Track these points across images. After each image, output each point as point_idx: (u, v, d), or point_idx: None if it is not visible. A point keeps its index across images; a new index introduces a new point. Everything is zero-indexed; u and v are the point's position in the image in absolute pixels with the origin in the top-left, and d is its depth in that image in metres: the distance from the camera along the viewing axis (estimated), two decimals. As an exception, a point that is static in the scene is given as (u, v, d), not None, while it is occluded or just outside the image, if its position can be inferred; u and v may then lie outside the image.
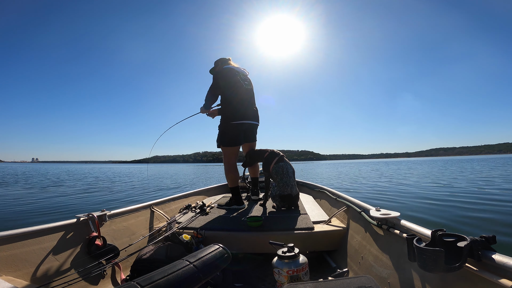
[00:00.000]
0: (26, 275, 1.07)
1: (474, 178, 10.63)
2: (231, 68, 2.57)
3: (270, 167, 2.41)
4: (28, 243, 1.17)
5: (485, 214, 4.05)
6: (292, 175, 2.37)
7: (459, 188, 7.47)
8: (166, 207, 2.29)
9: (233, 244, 1.65)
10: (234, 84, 2.49)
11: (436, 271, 0.77)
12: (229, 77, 2.51)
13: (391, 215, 1.30)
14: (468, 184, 8.28)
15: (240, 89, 2.49)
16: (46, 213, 4.86)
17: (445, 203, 5.05)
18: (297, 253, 1.16)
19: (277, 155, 2.44)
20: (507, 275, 0.68)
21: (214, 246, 0.96)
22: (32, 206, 5.57)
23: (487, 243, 0.75)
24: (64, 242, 1.32)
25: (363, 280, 0.84)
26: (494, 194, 5.97)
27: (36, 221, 4.22)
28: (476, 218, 3.79)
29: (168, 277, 0.64)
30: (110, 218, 1.65)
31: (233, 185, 2.48)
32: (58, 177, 17.67)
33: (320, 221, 1.89)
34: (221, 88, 2.52)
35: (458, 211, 4.31)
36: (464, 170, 17.02)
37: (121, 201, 6.52)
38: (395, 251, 1.19)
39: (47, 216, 4.56)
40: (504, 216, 3.87)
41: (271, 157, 2.46)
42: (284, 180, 2.28)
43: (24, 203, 6.04)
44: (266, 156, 2.50)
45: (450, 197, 5.75)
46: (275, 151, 2.50)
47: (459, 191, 6.70)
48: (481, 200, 5.26)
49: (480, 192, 6.46)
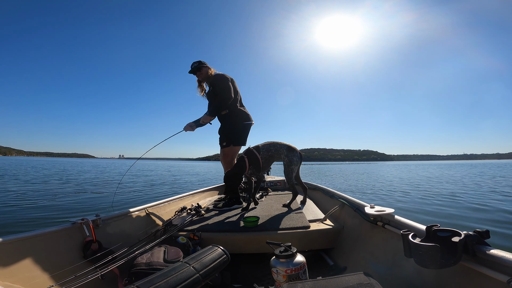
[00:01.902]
0: (22, 281, 1.05)
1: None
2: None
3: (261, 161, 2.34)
4: (24, 248, 1.16)
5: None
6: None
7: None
8: (161, 209, 2.27)
9: (230, 245, 1.65)
10: (237, 90, 2.70)
11: (432, 267, 0.79)
12: (234, 82, 2.69)
13: (385, 212, 1.32)
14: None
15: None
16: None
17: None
18: (295, 252, 1.17)
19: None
20: (502, 269, 0.70)
21: (213, 247, 0.96)
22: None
23: (481, 237, 0.77)
24: (60, 247, 1.30)
25: (360, 277, 0.85)
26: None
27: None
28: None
29: (168, 279, 0.64)
30: (105, 222, 1.63)
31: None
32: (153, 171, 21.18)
33: (316, 219, 1.90)
34: (236, 92, 2.67)
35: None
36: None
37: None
38: (391, 247, 1.21)
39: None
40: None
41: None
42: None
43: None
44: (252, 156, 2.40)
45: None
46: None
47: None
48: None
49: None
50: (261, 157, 2.34)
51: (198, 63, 2.68)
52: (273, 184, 3.67)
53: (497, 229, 3.38)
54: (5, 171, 15.61)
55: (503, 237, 3.11)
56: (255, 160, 2.34)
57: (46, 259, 1.20)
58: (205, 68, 2.68)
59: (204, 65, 2.68)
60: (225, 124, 2.72)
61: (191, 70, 2.73)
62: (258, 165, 2.34)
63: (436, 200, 6.10)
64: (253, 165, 2.34)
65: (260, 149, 2.37)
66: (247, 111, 2.73)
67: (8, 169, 18.06)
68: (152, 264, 1.28)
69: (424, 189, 8.48)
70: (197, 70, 2.69)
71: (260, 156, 2.34)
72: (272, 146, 2.37)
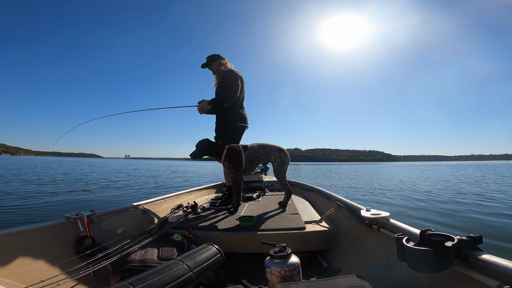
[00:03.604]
0: (14, 275, 1.04)
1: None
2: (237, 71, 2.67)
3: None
4: (16, 243, 1.15)
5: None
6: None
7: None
8: (157, 207, 2.26)
9: (226, 244, 1.65)
10: (243, 90, 2.66)
11: (424, 271, 0.79)
12: (243, 82, 2.67)
13: (381, 215, 1.33)
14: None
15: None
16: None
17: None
18: (289, 253, 1.17)
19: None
20: (493, 275, 0.70)
21: (207, 246, 0.96)
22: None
23: (473, 243, 0.78)
24: (53, 242, 1.29)
25: (354, 280, 0.85)
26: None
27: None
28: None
29: (161, 277, 0.63)
30: (100, 218, 1.62)
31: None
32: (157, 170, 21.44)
33: (312, 221, 1.91)
34: (242, 91, 2.63)
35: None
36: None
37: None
38: (385, 251, 1.22)
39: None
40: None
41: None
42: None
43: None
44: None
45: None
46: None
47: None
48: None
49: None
50: (246, 156, 2.26)
51: (208, 59, 2.75)
52: (270, 185, 3.67)
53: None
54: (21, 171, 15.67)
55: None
56: (236, 156, 2.24)
57: (38, 253, 1.19)
58: (215, 63, 2.72)
59: (214, 60, 2.72)
60: (220, 121, 2.69)
61: (202, 65, 2.82)
62: (239, 162, 2.24)
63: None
64: (232, 160, 2.24)
65: (248, 148, 2.32)
66: (245, 113, 2.70)
67: (23, 169, 18.23)
68: (146, 261, 1.27)
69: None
70: (207, 65, 2.78)
71: (245, 155, 2.26)
72: (261, 148, 2.33)
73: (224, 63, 2.70)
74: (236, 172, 2.26)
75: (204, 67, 2.81)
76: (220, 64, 2.70)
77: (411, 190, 8.27)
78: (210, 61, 2.73)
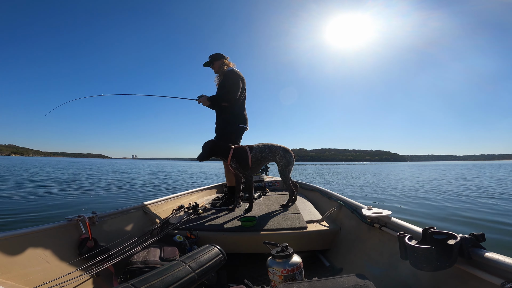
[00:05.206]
0: (17, 277, 1.05)
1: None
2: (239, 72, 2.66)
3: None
4: (19, 245, 1.16)
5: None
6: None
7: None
8: (158, 208, 2.27)
9: (227, 244, 1.64)
10: (244, 90, 2.65)
11: (427, 269, 0.79)
12: (244, 83, 2.67)
13: (382, 214, 1.33)
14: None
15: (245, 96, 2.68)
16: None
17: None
18: (291, 253, 1.17)
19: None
20: (496, 272, 0.70)
21: (210, 246, 0.96)
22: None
23: (476, 241, 0.77)
24: (55, 244, 1.29)
25: (356, 279, 0.85)
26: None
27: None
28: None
29: (164, 278, 0.63)
30: (101, 220, 1.62)
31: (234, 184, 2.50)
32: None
33: (313, 220, 1.90)
34: (242, 91, 2.62)
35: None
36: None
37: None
38: (387, 249, 1.22)
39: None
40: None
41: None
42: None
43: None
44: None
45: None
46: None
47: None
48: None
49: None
50: (252, 156, 2.28)
51: (210, 58, 2.75)
52: (271, 185, 3.67)
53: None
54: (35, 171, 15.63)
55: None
56: (243, 156, 2.26)
57: (41, 256, 1.19)
58: (217, 62, 2.73)
59: (217, 59, 2.73)
60: (220, 121, 2.68)
61: (205, 64, 2.82)
62: (246, 162, 2.26)
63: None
64: (239, 160, 2.25)
65: (254, 148, 2.33)
66: (246, 115, 2.69)
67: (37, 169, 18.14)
68: (148, 262, 1.27)
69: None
70: (209, 64, 2.78)
71: (251, 155, 2.28)
72: (267, 148, 2.34)
73: (226, 63, 2.70)
74: (245, 172, 2.29)
75: (206, 66, 2.81)
76: (223, 63, 2.70)
77: (430, 191, 7.90)
78: (212, 60, 2.73)
